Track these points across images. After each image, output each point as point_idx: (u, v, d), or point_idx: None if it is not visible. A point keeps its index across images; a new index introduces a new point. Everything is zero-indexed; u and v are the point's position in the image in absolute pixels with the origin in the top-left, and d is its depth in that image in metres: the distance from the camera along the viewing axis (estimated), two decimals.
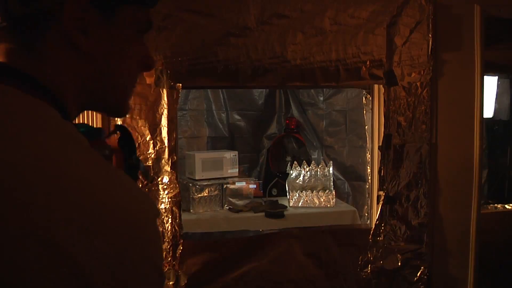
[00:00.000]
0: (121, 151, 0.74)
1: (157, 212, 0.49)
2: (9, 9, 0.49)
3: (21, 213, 0.40)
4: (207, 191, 3.10)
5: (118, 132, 0.75)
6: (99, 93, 0.58)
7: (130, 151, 0.75)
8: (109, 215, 0.43)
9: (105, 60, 0.56)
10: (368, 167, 2.32)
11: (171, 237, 1.95)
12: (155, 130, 1.94)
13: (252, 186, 3.31)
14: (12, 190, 0.40)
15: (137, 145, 1.93)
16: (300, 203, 3.24)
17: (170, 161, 1.95)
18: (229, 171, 3.27)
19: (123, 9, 0.55)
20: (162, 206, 1.95)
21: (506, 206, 2.85)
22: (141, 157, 1.93)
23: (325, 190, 3.27)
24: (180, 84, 1.95)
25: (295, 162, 3.43)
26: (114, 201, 0.44)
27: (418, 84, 2.13)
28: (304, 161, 3.41)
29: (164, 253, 1.95)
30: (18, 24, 0.51)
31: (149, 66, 0.65)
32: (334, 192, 3.26)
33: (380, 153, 2.14)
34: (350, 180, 3.54)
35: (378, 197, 2.15)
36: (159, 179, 1.95)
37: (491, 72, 3.31)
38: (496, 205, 2.92)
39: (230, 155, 3.31)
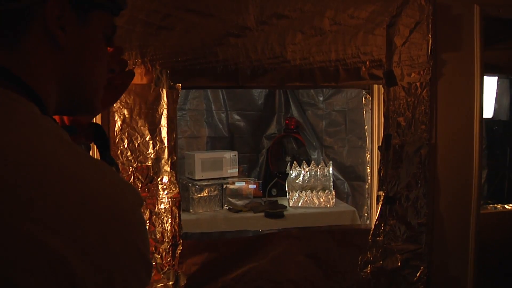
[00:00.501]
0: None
1: (141, 201, 0.50)
2: None
3: (1, 208, 0.40)
4: (206, 191, 3.10)
5: (92, 129, 0.78)
6: (73, 90, 0.60)
7: (104, 148, 0.77)
8: (91, 205, 0.43)
9: (79, 58, 0.59)
10: (368, 167, 2.32)
11: (170, 237, 1.95)
12: (154, 130, 1.94)
13: (252, 186, 3.30)
14: None
15: (136, 145, 1.93)
16: (299, 203, 3.24)
17: (169, 161, 1.95)
18: (228, 171, 3.27)
19: (94, 13, 0.59)
20: (162, 206, 1.95)
21: (506, 206, 2.85)
22: (140, 157, 1.94)
23: (325, 190, 3.27)
24: (180, 84, 1.95)
25: (295, 162, 3.43)
26: (96, 192, 0.45)
27: (418, 84, 2.13)
28: (304, 161, 3.41)
29: (164, 253, 1.95)
30: None
31: (112, 70, 0.70)
32: (333, 192, 3.26)
33: (379, 153, 2.14)
34: (349, 180, 3.54)
35: (378, 197, 2.15)
36: (159, 179, 1.95)
37: (490, 72, 3.31)
38: (495, 205, 2.92)
39: (230, 155, 3.31)
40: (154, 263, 1.92)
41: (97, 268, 0.42)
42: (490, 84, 3.46)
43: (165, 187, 1.95)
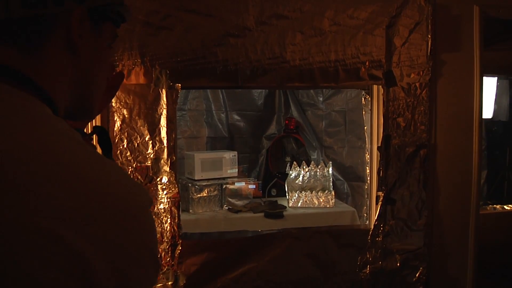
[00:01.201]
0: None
1: (151, 201, 0.52)
2: (9, 11, 0.52)
3: (19, 204, 0.41)
4: (206, 191, 3.10)
5: (96, 132, 0.81)
6: (81, 96, 0.63)
7: (107, 151, 0.79)
8: (105, 204, 0.45)
9: (91, 66, 0.61)
10: (367, 167, 2.32)
11: (170, 237, 1.95)
12: (154, 130, 1.94)
13: (252, 186, 3.30)
14: (10, 180, 0.42)
15: (136, 145, 1.93)
16: (299, 204, 3.24)
17: (169, 161, 1.95)
18: (228, 171, 3.27)
19: (104, 24, 0.62)
20: (161, 206, 1.95)
21: (505, 206, 2.86)
22: (139, 157, 1.94)
23: (324, 191, 3.27)
24: (179, 84, 1.95)
25: (295, 163, 3.43)
26: (110, 191, 0.46)
27: (417, 84, 2.13)
28: (304, 162, 3.40)
29: (163, 253, 1.95)
30: (18, 25, 0.53)
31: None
32: (333, 193, 3.26)
33: (379, 153, 2.15)
34: (349, 180, 3.54)
35: (377, 197, 2.15)
36: (158, 179, 1.95)
37: (490, 72, 3.32)
38: (495, 205, 2.92)
39: (230, 155, 3.31)
40: None
41: (113, 266, 0.43)
42: (490, 84, 3.46)
43: (164, 187, 1.95)
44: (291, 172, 3.37)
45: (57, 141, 0.47)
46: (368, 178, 2.31)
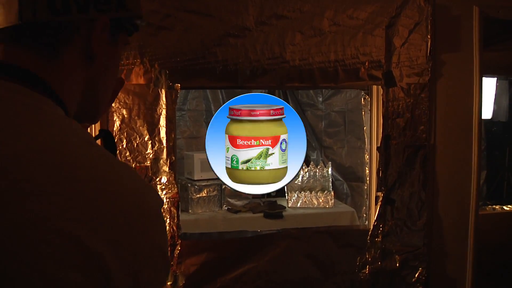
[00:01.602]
0: None
1: (161, 201, 0.52)
2: (36, 15, 0.53)
3: (35, 205, 0.41)
4: (205, 192, 3.09)
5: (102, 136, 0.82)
6: (90, 102, 0.64)
7: (113, 153, 0.82)
8: (119, 204, 0.45)
9: (104, 74, 0.63)
10: (367, 168, 2.32)
11: (169, 238, 1.94)
12: (153, 130, 1.94)
13: None
14: (25, 181, 0.42)
15: (135, 145, 1.93)
16: (298, 204, 3.24)
17: (168, 161, 1.95)
18: None
19: (121, 34, 0.64)
20: None
21: (504, 207, 2.86)
22: (139, 157, 1.94)
23: (324, 191, 3.27)
24: (179, 84, 1.95)
25: None
26: (123, 192, 0.47)
27: (417, 85, 2.13)
28: (303, 162, 3.40)
29: None
30: (40, 30, 0.55)
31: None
32: (332, 193, 3.26)
33: (378, 154, 2.15)
34: (348, 180, 3.53)
35: (377, 198, 2.15)
36: (158, 179, 1.95)
37: (489, 73, 3.32)
38: (494, 206, 2.92)
39: None
40: None
41: (127, 265, 0.44)
42: (489, 85, 3.46)
43: (163, 187, 1.95)
44: None
45: (73, 143, 0.48)
46: (368, 179, 2.31)
